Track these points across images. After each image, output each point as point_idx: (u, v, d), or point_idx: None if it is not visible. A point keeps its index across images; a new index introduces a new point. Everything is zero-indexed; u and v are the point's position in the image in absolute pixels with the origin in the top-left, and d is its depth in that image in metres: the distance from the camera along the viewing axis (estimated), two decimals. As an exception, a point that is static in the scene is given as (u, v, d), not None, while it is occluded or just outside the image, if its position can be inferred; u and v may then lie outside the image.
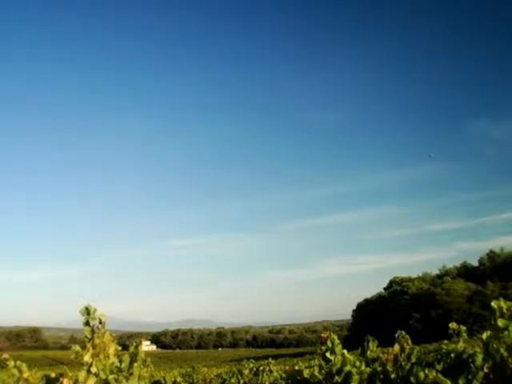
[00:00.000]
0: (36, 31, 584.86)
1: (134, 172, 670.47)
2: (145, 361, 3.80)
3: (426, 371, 3.82)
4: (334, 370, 4.33)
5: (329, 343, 4.46)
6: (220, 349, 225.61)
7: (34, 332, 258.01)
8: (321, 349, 4.53)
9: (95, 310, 3.50)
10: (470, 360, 3.82)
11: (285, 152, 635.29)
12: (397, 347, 4.13)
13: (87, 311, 3.47)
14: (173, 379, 15.92)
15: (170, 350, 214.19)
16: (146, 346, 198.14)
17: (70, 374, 3.62)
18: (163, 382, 14.91)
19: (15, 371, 3.86)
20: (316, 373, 4.86)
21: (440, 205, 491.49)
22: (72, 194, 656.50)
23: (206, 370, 19.03)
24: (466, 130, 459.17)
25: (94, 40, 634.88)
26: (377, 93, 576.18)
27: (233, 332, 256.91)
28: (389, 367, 4.05)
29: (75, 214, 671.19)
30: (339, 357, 4.38)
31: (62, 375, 3.60)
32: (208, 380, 16.57)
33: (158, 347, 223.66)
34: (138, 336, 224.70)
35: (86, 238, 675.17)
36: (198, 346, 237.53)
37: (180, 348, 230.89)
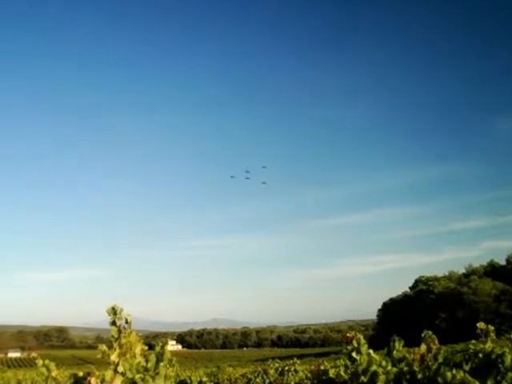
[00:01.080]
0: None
1: (160, 173, 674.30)
2: (170, 360, 3.82)
3: (454, 371, 3.78)
4: (360, 369, 4.31)
5: (354, 343, 4.44)
6: (245, 348, 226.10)
7: (61, 332, 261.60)
8: (346, 348, 4.51)
9: (121, 309, 3.53)
10: (499, 360, 3.77)
11: (304, 152, 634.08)
12: (423, 347, 4.09)
13: (114, 311, 3.50)
14: (198, 379, 15.99)
15: (196, 350, 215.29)
16: (172, 346, 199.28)
17: (97, 373, 3.66)
18: (189, 381, 14.98)
19: (44, 370, 3.92)
20: (342, 372, 4.84)
21: (464, 203, 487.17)
22: (96, 194, 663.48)
23: (231, 369, 19.06)
24: (489, 128, 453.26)
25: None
26: (393, 92, 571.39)
27: (258, 332, 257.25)
28: (415, 367, 4.02)
29: (102, 215, 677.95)
30: (365, 356, 4.36)
31: (89, 374, 3.64)
32: (233, 380, 16.61)
33: (183, 347, 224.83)
34: (163, 336, 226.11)
35: (113, 239, 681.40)
36: (223, 346, 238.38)
37: (205, 348, 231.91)
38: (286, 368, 12.37)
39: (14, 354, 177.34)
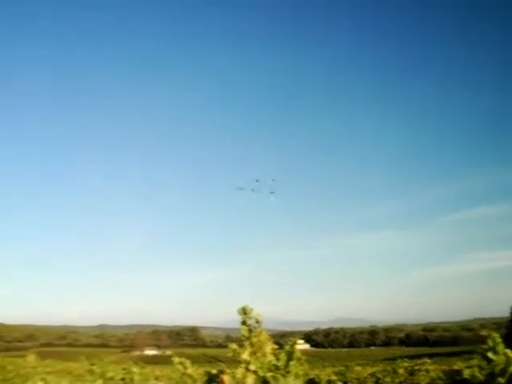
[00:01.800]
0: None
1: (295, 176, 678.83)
2: (300, 359, 3.87)
3: None
4: (497, 370, 4.13)
5: (490, 342, 4.26)
6: (372, 347, 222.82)
7: (193, 331, 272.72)
8: (481, 348, 4.34)
9: (251, 309, 3.63)
10: None
11: (427, 147, 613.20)
12: None
13: (244, 311, 3.61)
14: (327, 377, 16.00)
15: (322, 349, 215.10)
16: (299, 345, 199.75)
17: (228, 371, 3.78)
18: (318, 380, 15.04)
19: (180, 367, 4.11)
20: (477, 373, 4.66)
21: None
22: (226, 198, 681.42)
23: (359, 368, 18.86)
24: None
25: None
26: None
27: (386, 330, 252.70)
28: (559, 368, 3.79)
29: (238, 217, 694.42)
30: (502, 356, 4.17)
31: (222, 372, 3.77)
32: (362, 379, 16.45)
33: (310, 346, 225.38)
34: (290, 335, 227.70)
35: (242, 242, 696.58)
36: (350, 345, 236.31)
37: (332, 347, 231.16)
38: (417, 367, 12.09)
39: (150, 352, 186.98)
